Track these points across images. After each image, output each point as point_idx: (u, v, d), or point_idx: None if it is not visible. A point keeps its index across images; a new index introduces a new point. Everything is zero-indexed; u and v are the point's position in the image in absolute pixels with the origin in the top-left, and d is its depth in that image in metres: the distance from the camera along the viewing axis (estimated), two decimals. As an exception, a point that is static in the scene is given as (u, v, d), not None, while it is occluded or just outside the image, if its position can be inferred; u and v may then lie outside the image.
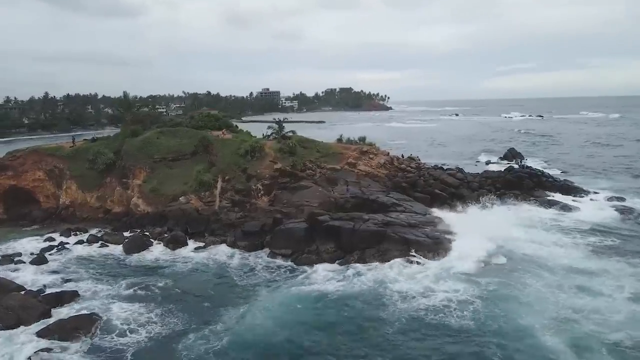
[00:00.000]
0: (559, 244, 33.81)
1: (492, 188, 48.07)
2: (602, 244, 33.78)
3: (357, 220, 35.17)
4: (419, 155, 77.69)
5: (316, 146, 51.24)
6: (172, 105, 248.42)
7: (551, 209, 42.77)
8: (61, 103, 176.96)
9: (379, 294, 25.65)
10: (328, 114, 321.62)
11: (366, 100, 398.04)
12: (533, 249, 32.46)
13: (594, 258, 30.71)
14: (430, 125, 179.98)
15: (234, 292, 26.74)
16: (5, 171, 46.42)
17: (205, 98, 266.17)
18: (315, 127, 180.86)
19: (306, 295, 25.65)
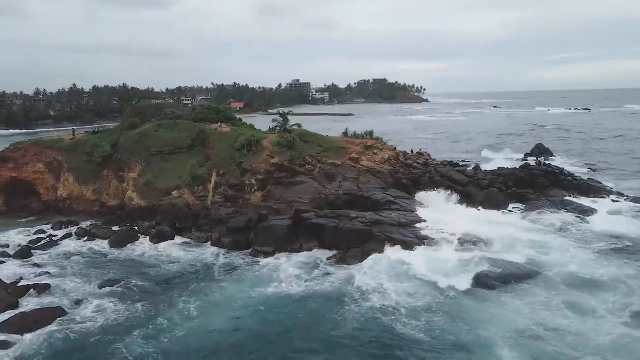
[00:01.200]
0: (562, 251, 32.24)
1: (502, 187, 46.81)
2: (614, 254, 31.50)
3: (343, 218, 35.04)
4: (439, 150, 76.93)
5: (318, 140, 51.17)
6: (199, 98, 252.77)
7: (562, 210, 41.14)
8: (87, 95, 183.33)
9: (341, 296, 25.64)
10: (359, 106, 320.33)
11: (401, 92, 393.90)
12: (529, 256, 31.23)
13: (601, 270, 28.74)
14: (459, 118, 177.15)
15: (199, 289, 27.14)
16: (7, 163, 48.49)
17: (232, 90, 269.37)
18: (342, 120, 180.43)
19: (264, 294, 26.11)
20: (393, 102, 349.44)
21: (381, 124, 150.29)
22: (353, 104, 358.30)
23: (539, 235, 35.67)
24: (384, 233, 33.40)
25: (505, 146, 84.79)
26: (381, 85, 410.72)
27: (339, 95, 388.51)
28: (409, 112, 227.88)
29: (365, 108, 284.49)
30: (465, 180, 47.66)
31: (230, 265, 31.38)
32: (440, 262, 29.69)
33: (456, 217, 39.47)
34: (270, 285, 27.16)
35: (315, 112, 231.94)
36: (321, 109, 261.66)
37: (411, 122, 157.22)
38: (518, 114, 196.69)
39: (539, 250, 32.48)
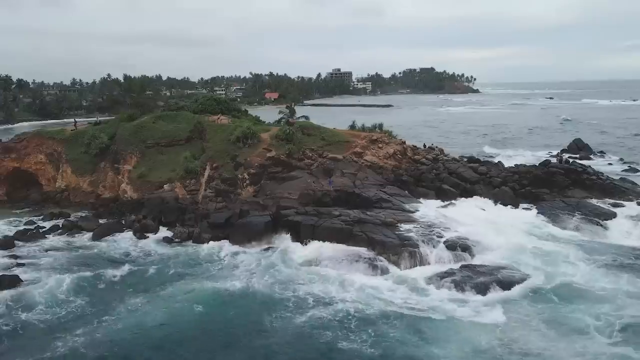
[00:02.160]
0: (562, 260, 30.33)
1: (515, 185, 45.01)
2: (623, 268, 29.28)
3: (324, 215, 34.74)
4: (462, 144, 75.02)
5: (322, 133, 50.80)
6: (233, 88, 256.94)
7: (576, 213, 38.81)
8: (117, 85, 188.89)
9: (288, 297, 25.50)
10: (402, 97, 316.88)
11: (448, 82, 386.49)
12: (523, 263, 29.86)
13: (602, 285, 26.85)
14: (502, 110, 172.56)
15: (155, 285, 27.76)
16: (9, 153, 50.85)
17: (268, 79, 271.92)
18: (378, 111, 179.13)
19: (212, 291, 26.49)
20: (440, 93, 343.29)
21: (412, 115, 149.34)
22: (397, 94, 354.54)
23: (541, 241, 34.12)
24: (365, 233, 32.88)
25: (536, 141, 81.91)
26: (428, 75, 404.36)
27: (382, 85, 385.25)
28: (450, 104, 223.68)
29: (407, 99, 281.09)
30: (474, 177, 46.21)
31: (196, 260, 31.85)
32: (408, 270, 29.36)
33: (456, 216, 38.55)
34: (220, 282, 27.60)
35: (351, 103, 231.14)
36: (360, 99, 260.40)
37: (446, 114, 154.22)
38: (562, 105, 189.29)
39: (537, 257, 30.94)
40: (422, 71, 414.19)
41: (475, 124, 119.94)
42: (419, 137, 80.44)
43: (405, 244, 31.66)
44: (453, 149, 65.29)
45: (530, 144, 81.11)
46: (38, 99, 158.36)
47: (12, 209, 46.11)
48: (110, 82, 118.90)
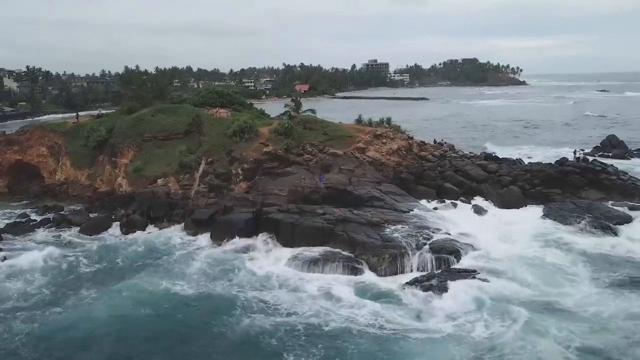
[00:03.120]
0: (554, 272, 28.82)
1: (525, 184, 43.68)
2: (627, 287, 27.02)
3: (307, 213, 34.67)
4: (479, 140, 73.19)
5: (324, 127, 50.60)
6: (262, 80, 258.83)
7: (586, 216, 36.97)
8: (145, 77, 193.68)
9: (242, 303, 25.56)
10: (441, 89, 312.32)
11: (492, 73, 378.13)
12: (505, 275, 28.52)
13: (596, 307, 24.81)
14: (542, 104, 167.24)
15: (114, 281, 28.56)
16: (12, 146, 52.87)
17: (299, 71, 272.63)
18: (411, 104, 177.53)
19: (164, 290, 26.95)
20: (482, 85, 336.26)
21: (441, 108, 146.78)
22: (436, 86, 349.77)
23: (540, 247, 32.76)
24: (348, 232, 32.63)
25: (561, 137, 79.17)
26: (470, 66, 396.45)
27: (421, 77, 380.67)
28: (484, 97, 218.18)
29: (445, 91, 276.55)
30: (482, 176, 45.11)
31: (166, 257, 32.47)
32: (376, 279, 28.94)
33: (452, 217, 37.82)
34: (176, 281, 28.09)
35: (384, 95, 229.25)
36: (396, 92, 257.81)
37: (472, 108, 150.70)
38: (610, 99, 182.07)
39: (531, 268, 29.57)
40: (465, 62, 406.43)
41: (497, 118, 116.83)
42: (433, 132, 79.21)
43: (387, 245, 31.24)
44: (460, 145, 63.62)
45: (553, 141, 78.36)
46: (65, 90, 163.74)
47: (11, 202, 48.00)
48: (136, 73, 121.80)
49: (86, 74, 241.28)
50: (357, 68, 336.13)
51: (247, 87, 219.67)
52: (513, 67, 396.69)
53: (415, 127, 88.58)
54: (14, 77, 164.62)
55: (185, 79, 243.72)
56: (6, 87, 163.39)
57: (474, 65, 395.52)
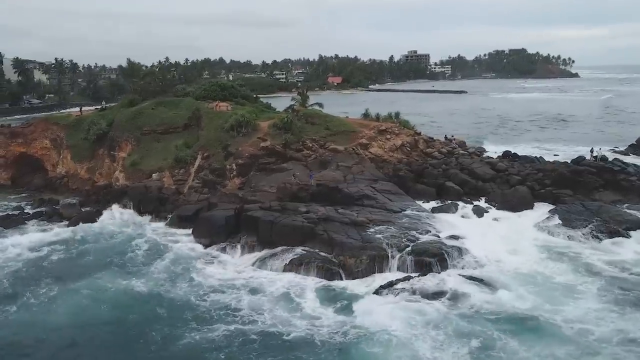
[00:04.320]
0: (544, 288, 27.32)
1: (535, 184, 42.43)
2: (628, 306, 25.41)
3: (289, 211, 34.66)
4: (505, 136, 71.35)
5: (327, 122, 50.45)
6: (294, 72, 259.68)
7: (594, 220, 35.34)
8: (173, 69, 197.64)
9: (204, 306, 25.66)
10: (485, 82, 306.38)
11: (541, 65, 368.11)
12: (498, 283, 27.75)
13: (595, 320, 23.80)
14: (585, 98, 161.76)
15: (83, 279, 29.16)
16: (17, 138, 54.88)
17: (333, 62, 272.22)
18: (448, 97, 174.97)
19: (124, 290, 27.51)
20: (530, 77, 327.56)
21: (473, 102, 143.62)
22: (479, 79, 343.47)
23: (538, 253, 31.82)
24: (328, 232, 32.47)
25: (586, 135, 76.11)
26: (518, 57, 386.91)
27: (464, 68, 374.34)
28: (521, 90, 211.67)
29: (488, 84, 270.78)
30: (489, 175, 44.15)
31: (129, 256, 33.07)
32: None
33: (447, 218, 37.14)
34: (139, 281, 28.59)
35: (421, 88, 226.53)
36: (435, 85, 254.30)
37: (511, 102, 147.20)
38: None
39: (514, 278, 28.46)
40: (512, 53, 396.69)
41: (530, 112, 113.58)
42: (454, 126, 77.67)
43: (367, 246, 30.94)
44: (479, 141, 62.24)
45: (582, 137, 75.58)
46: (92, 83, 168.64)
47: (11, 194, 49.91)
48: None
49: (119, 65, 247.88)
50: (396, 59, 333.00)
51: (278, 79, 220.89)
52: (564, 58, 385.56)
53: (436, 121, 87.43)
54: (42, 69, 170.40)
55: (216, 70, 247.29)
56: (36, 79, 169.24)
57: (522, 56, 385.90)
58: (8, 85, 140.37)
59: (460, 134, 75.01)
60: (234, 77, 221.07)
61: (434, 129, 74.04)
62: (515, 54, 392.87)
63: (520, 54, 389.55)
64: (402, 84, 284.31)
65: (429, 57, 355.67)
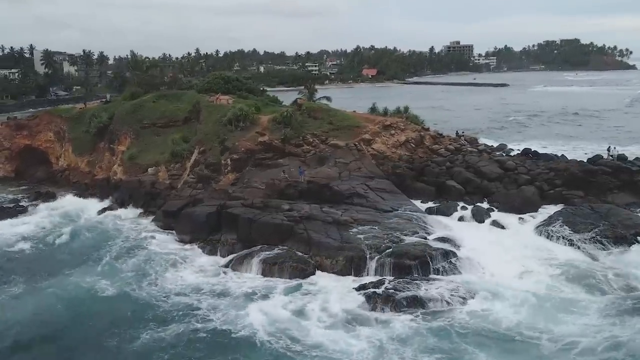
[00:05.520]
0: (538, 298, 26.41)
1: (544, 184, 41.24)
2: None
3: (271, 209, 34.80)
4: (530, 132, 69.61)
5: (330, 117, 50.31)
6: (327, 63, 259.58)
7: (601, 224, 33.77)
8: (202, 60, 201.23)
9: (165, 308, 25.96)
10: (531, 74, 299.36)
11: (595, 56, 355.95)
12: (481, 292, 27.13)
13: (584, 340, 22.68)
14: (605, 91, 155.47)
15: (51, 277, 29.99)
16: (22, 130, 56.83)
17: (369, 53, 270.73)
18: (486, 90, 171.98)
19: (89, 288, 28.15)
20: (582, 69, 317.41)
21: (507, 96, 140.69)
22: (527, 71, 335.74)
23: (533, 259, 30.91)
24: (308, 231, 32.46)
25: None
26: (570, 48, 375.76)
27: (510, 60, 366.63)
28: (557, 82, 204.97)
29: (535, 77, 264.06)
30: (495, 174, 43.06)
31: (113, 251, 33.80)
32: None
33: (440, 219, 36.51)
34: (103, 280, 29.18)
35: (461, 81, 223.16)
36: (476, 77, 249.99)
37: (548, 96, 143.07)
38: None
39: (501, 286, 27.59)
40: (564, 43, 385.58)
41: (565, 106, 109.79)
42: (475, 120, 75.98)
43: (345, 246, 30.83)
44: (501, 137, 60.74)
45: (614, 135, 72.65)
46: (120, 74, 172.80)
47: (12, 186, 51.77)
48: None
49: (152, 57, 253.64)
50: (437, 50, 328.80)
51: (309, 71, 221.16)
52: (621, 49, 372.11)
53: (460, 116, 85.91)
54: (70, 61, 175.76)
55: (247, 62, 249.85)
56: (65, 71, 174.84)
57: (575, 46, 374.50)
58: (35, 77, 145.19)
59: (483, 130, 73.95)
60: (265, 69, 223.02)
61: (456, 124, 72.79)
62: (567, 44, 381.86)
63: (573, 45, 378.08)
64: (442, 76, 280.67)
65: (472, 47, 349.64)
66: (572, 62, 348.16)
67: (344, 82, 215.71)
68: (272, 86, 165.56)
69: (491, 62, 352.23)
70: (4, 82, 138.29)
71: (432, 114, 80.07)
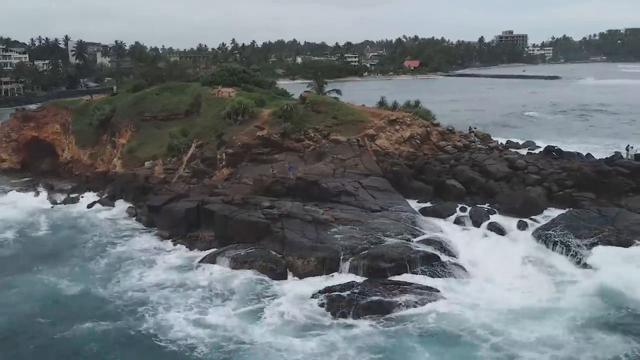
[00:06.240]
0: (517, 307, 25.63)
1: (553, 185, 39.96)
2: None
3: (250, 206, 34.97)
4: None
5: (335, 111, 50.07)
6: (369, 54, 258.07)
7: (605, 229, 32.00)
8: (236, 52, 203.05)
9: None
10: (589, 66, 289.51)
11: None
12: (457, 304, 26.15)
13: None
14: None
15: (21, 274, 30.88)
16: (29, 122, 58.90)
17: (412, 44, 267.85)
18: (533, 84, 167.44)
19: (53, 286, 28.83)
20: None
21: (551, 89, 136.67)
22: (587, 62, 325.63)
23: (512, 269, 29.91)
24: (285, 229, 32.49)
25: None
26: (636, 37, 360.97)
27: (568, 51, 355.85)
28: (628, 75, 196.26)
29: (593, 68, 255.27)
30: (503, 173, 41.87)
31: (87, 248, 34.62)
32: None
33: (432, 221, 35.88)
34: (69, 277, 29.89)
35: (510, 73, 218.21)
36: (527, 69, 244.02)
37: (598, 90, 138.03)
38: None
39: (479, 298, 26.63)
40: (630, 32, 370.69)
41: (607, 102, 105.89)
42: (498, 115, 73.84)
43: (318, 247, 30.72)
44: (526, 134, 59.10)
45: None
46: (152, 66, 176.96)
47: (16, 178, 53.74)
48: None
49: (190, 48, 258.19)
50: (487, 40, 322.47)
51: (348, 62, 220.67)
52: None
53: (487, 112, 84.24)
54: (102, 52, 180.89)
55: (286, 53, 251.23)
56: (99, 62, 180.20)
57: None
58: (65, 68, 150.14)
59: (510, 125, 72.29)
60: (302, 61, 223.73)
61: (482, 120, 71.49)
62: (633, 34, 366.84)
63: (639, 35, 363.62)
64: (491, 68, 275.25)
65: (526, 38, 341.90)
66: (637, 53, 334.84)
67: (383, 74, 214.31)
68: (307, 78, 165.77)
69: (547, 53, 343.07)
70: (34, 73, 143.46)
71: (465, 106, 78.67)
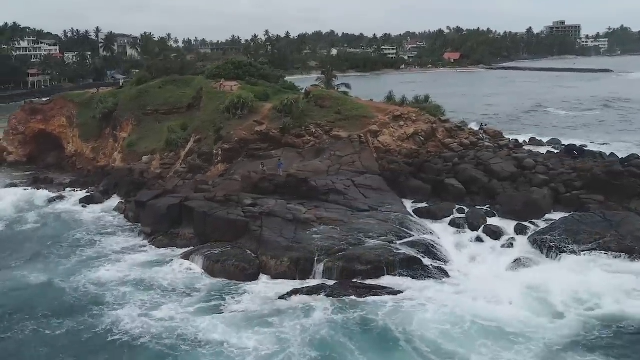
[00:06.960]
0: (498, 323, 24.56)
1: (561, 187, 38.96)
2: None
3: (232, 203, 35.28)
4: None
5: (339, 106, 49.97)
6: (407, 46, 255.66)
7: (608, 234, 31.35)
8: (268, 44, 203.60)
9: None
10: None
11: None
12: (432, 317, 25.29)
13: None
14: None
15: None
16: (36, 115, 60.73)
17: (453, 36, 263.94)
18: (582, 77, 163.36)
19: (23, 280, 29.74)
20: None
21: (594, 85, 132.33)
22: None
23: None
24: (262, 228, 32.66)
25: None
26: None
27: (626, 42, 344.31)
28: None
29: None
30: (508, 172, 41.11)
31: (72, 244, 35.44)
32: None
33: (424, 223, 35.51)
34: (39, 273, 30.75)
35: (559, 66, 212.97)
36: (576, 62, 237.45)
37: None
38: None
39: (457, 310, 25.61)
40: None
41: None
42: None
43: (293, 247, 30.78)
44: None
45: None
46: (179, 58, 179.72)
47: (20, 171, 55.56)
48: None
49: (225, 40, 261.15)
50: (537, 31, 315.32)
51: (385, 54, 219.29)
52: None
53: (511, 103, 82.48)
54: (131, 44, 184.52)
55: (323, 45, 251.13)
56: (128, 54, 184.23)
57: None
58: (93, 61, 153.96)
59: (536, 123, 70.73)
60: (337, 53, 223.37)
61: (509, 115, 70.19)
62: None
63: None
64: (539, 60, 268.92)
65: (579, 28, 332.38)
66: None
67: (422, 67, 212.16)
68: (342, 71, 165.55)
69: (602, 45, 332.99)
70: (62, 65, 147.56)
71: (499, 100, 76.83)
